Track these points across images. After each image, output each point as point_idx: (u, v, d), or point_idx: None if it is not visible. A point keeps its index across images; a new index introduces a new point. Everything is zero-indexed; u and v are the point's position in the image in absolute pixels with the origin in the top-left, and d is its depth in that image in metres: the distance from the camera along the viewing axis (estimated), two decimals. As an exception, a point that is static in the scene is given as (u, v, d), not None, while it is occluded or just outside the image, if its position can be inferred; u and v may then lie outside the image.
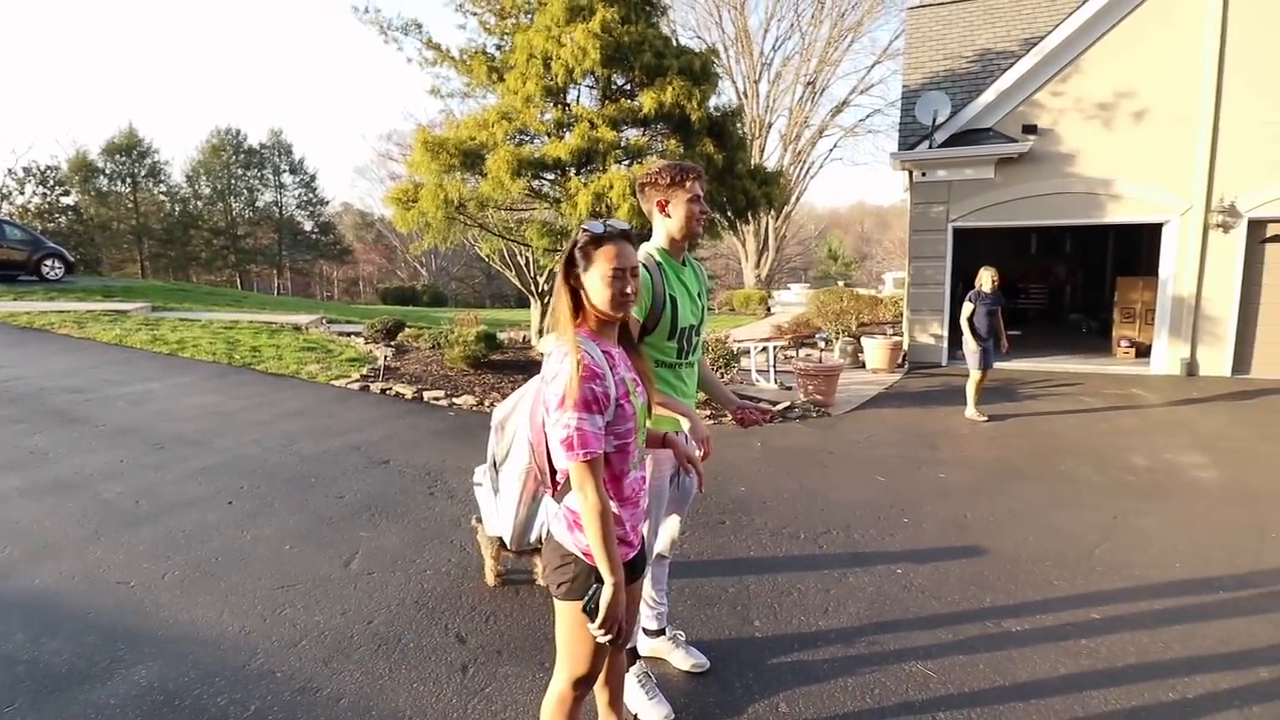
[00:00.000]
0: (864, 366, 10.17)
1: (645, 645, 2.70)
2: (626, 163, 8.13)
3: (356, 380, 7.70)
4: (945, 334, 10.54)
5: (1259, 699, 2.57)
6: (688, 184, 2.26)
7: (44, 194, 33.83)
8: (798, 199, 32.91)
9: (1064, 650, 2.89)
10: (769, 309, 22.29)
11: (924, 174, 10.41)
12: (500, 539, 3.01)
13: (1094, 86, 9.51)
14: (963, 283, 13.70)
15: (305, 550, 3.74)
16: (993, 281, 6.91)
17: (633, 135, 8.68)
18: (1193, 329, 9.37)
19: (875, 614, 3.17)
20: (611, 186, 7.43)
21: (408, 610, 3.13)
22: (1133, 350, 10.39)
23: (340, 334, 10.86)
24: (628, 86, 8.79)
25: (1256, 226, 9.10)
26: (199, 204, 40.21)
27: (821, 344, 11.35)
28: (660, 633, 2.73)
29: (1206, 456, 5.75)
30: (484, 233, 9.70)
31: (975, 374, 7.02)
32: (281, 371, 8.05)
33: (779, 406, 7.30)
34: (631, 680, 2.44)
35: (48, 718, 2.36)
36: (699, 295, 2.42)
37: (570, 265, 1.62)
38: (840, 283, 25.85)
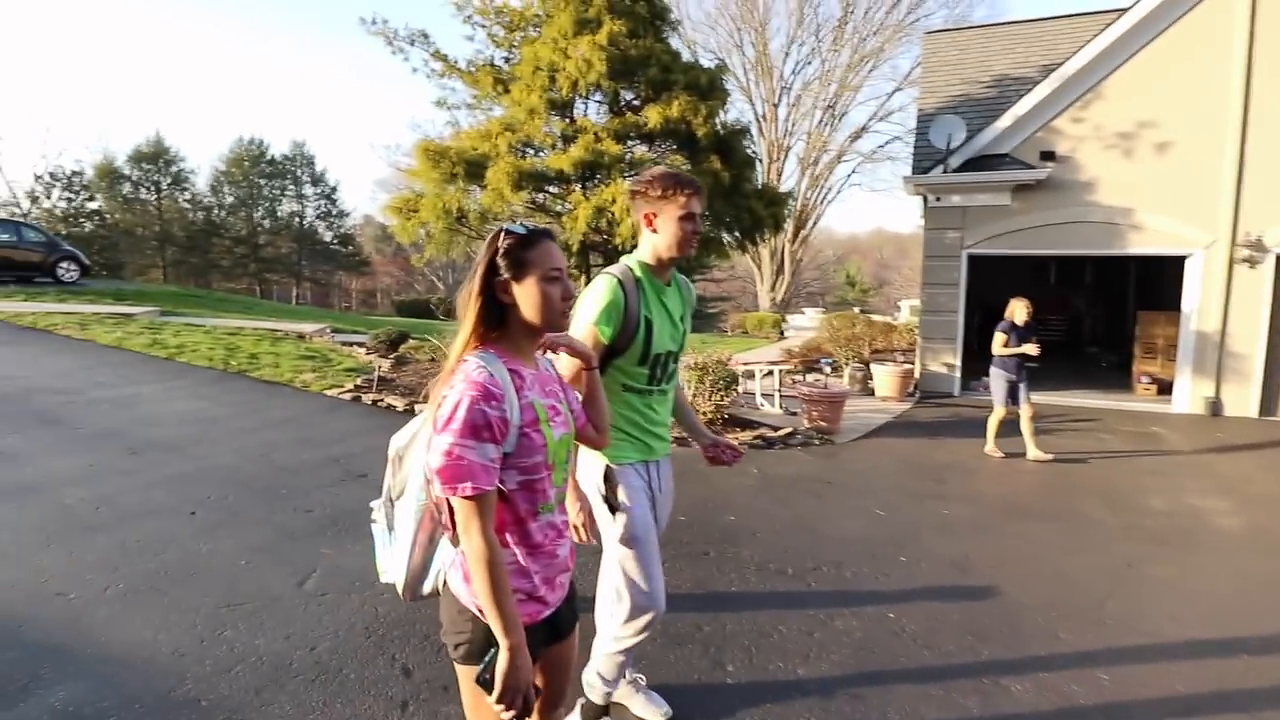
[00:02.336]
0: (873, 394, 9.88)
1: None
2: (631, 176, 7.99)
3: (349, 390, 7.56)
4: (958, 363, 10.23)
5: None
6: (681, 198, 2.02)
7: (69, 199, 34.43)
8: (815, 223, 32.80)
9: (1067, 718, 2.61)
10: (782, 333, 22.05)
11: (938, 199, 10.18)
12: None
13: (1115, 114, 9.26)
14: (978, 311, 13.44)
15: (261, 566, 3.54)
16: (1027, 312, 6.53)
17: (639, 150, 8.55)
18: (1217, 367, 9.00)
19: (861, 663, 2.90)
20: (614, 200, 7.28)
21: (356, 637, 2.92)
22: (1154, 387, 10.01)
23: (344, 344, 10.77)
24: (635, 101, 8.68)
25: (1285, 262, 8.75)
26: (221, 212, 40.78)
27: (829, 369, 11.08)
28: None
29: (1230, 502, 5.41)
30: (487, 245, 9.59)
31: (999, 409, 6.66)
32: (276, 379, 7.93)
33: (781, 432, 7.04)
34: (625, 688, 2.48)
35: (-64, 747, 2.17)
36: (681, 319, 2.21)
37: (492, 273, 1.38)
38: (856, 309, 25.60)
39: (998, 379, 6.64)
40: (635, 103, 8.75)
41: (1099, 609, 3.50)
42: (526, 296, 1.38)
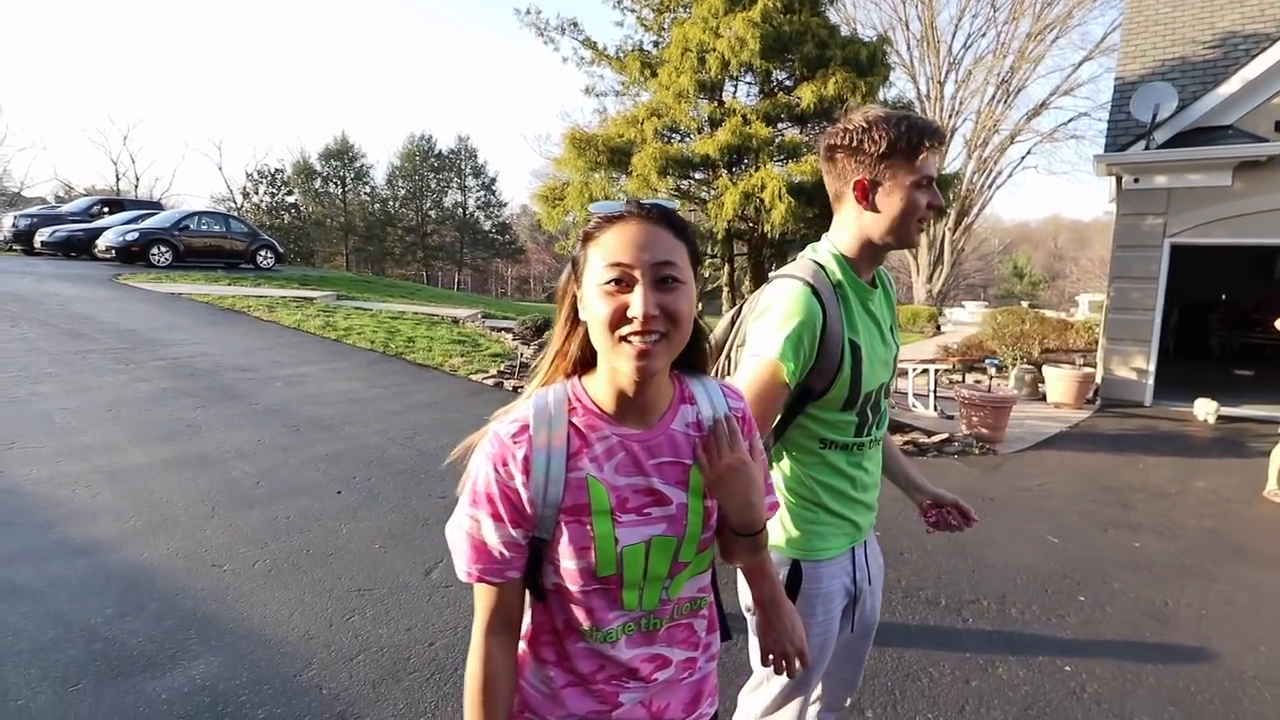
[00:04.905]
0: (1044, 399, 8.82)
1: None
2: (781, 160, 7.62)
3: (493, 375, 7.85)
4: (1152, 369, 8.88)
5: None
6: (921, 157, 1.30)
7: (272, 194, 39.15)
8: (980, 209, 30.20)
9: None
10: (939, 327, 20.47)
11: (1136, 180, 8.84)
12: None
13: (1387, 71, 7.54)
14: (1178, 310, 11.63)
15: (393, 552, 3.67)
16: None
17: (790, 134, 8.13)
18: None
19: (1028, 723, 2.49)
20: (763, 186, 6.95)
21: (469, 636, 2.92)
22: None
23: (493, 329, 11.27)
24: (787, 81, 8.26)
25: None
26: (395, 204, 44.60)
27: (993, 370, 10.04)
28: None
29: None
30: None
31: None
32: (427, 362, 8.40)
33: (935, 438, 6.44)
34: None
35: (102, 704, 2.38)
36: (891, 331, 1.50)
37: (574, 268, 0.97)
38: (1024, 303, 23.21)
39: None
40: (788, 82, 8.34)
41: (1355, 691, 2.79)
42: (585, 302, 0.93)
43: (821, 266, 1.39)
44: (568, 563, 0.93)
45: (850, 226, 1.40)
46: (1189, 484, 5.59)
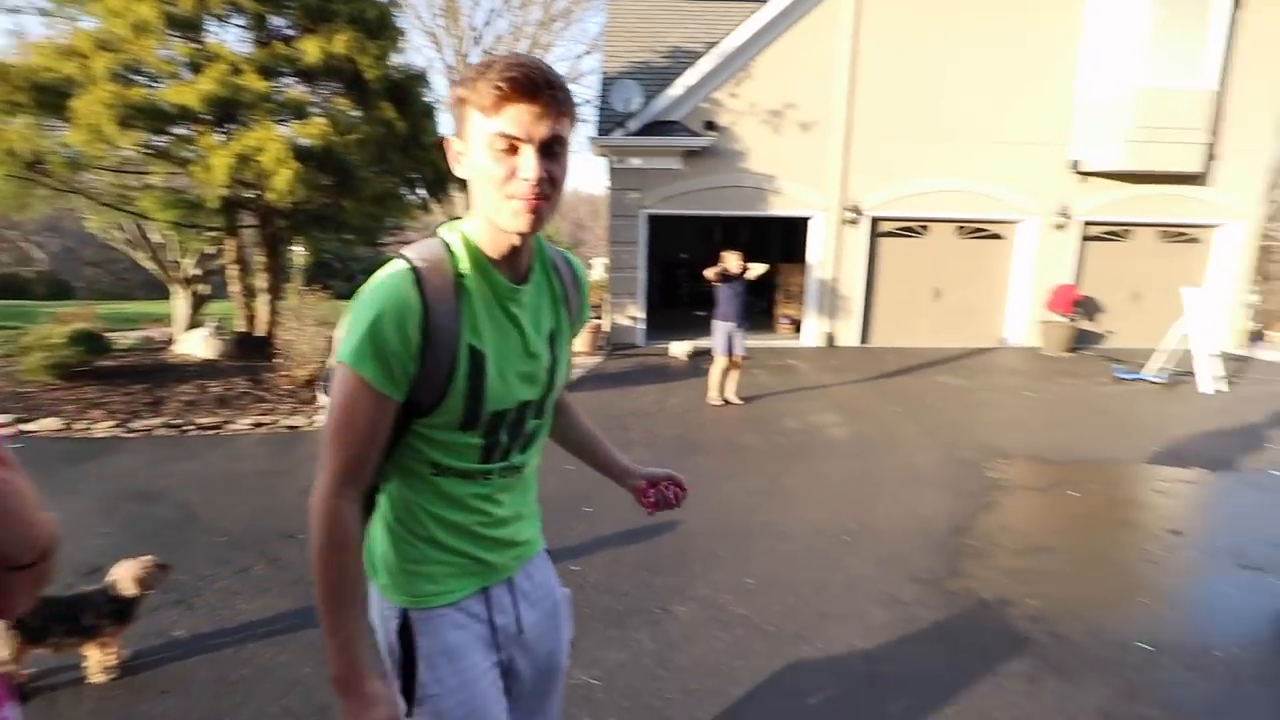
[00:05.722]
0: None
1: None
2: (285, 120, 6.93)
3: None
4: (643, 316, 11.07)
5: (881, 628, 2.86)
6: (498, 105, 0.99)
7: None
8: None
9: (722, 624, 2.95)
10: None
11: (620, 160, 10.73)
12: None
13: (762, 93, 10.60)
14: (660, 267, 14.66)
15: None
16: (739, 261, 6.68)
17: (294, 90, 7.45)
18: (832, 307, 11.08)
19: (544, 620, 2.93)
20: (263, 149, 6.22)
21: None
22: (792, 326, 11.98)
23: None
24: (289, 30, 7.50)
25: (876, 223, 11.01)
26: None
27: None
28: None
29: (840, 416, 6.69)
30: (92, 203, 7.59)
31: (720, 359, 6.89)
32: None
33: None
34: None
35: None
36: (552, 339, 1.21)
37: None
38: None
39: (719, 331, 6.87)
40: (289, 31, 7.55)
41: (748, 524, 4.05)
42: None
43: (449, 249, 1.08)
44: None
45: (476, 202, 1.09)
46: (665, 402, 7.19)
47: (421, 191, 8.89)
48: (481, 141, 1.01)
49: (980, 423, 6.54)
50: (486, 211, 1.06)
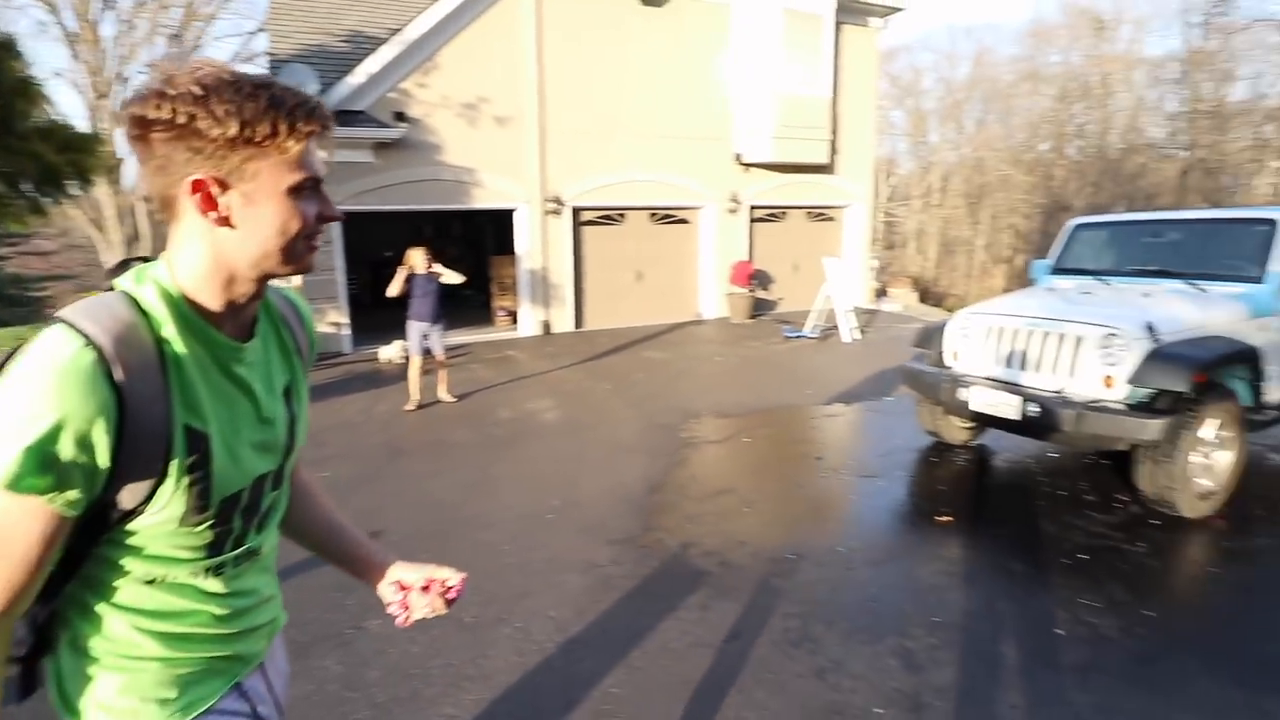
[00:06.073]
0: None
1: None
2: None
3: None
4: (348, 320, 10.25)
5: (572, 602, 2.98)
6: (298, 146, 0.84)
7: None
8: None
9: (419, 628, 2.84)
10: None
11: (299, 152, 9.71)
12: None
13: (454, 84, 10.35)
14: (367, 267, 13.71)
15: None
16: (425, 259, 6.54)
17: None
18: (545, 296, 11.37)
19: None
20: None
21: None
22: (510, 318, 12.04)
23: None
24: None
25: (578, 213, 11.50)
26: None
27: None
28: None
29: (552, 400, 6.90)
30: None
31: (416, 360, 6.72)
32: None
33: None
34: None
35: None
36: (288, 395, 1.02)
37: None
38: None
39: (413, 331, 6.63)
40: None
41: (455, 519, 3.97)
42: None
43: (141, 309, 0.82)
44: None
45: (197, 249, 0.85)
46: (373, 410, 6.75)
47: (28, 188, 7.14)
48: (276, 190, 0.84)
49: (677, 390, 7.22)
50: (250, 260, 0.86)
